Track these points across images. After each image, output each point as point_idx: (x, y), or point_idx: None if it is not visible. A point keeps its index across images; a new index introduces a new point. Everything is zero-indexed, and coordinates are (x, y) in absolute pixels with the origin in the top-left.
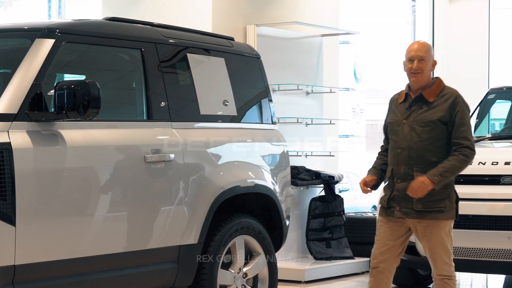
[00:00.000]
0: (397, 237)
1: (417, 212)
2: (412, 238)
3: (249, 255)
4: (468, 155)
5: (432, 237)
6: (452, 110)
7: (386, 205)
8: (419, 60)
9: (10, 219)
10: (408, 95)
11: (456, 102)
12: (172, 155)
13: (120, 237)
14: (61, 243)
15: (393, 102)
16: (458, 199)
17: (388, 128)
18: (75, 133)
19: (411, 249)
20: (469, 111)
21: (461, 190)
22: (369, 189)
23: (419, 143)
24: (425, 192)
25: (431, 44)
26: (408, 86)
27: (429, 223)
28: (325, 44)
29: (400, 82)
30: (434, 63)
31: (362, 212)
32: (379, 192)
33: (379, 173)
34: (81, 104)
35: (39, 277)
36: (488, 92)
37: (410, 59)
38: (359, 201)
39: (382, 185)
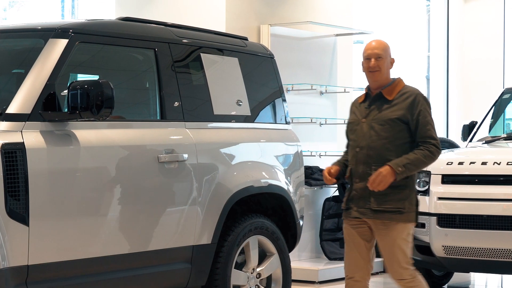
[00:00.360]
0: (364, 241)
1: (374, 211)
2: (427, 238)
3: (263, 255)
4: (434, 152)
5: (389, 239)
6: (413, 109)
7: (345, 207)
8: (376, 58)
9: (24, 219)
10: (368, 94)
11: (417, 101)
12: (185, 155)
13: (133, 237)
14: (74, 243)
15: (354, 104)
16: (418, 203)
17: (347, 128)
18: (88, 133)
19: (426, 249)
20: (430, 109)
21: (476, 190)
22: (333, 179)
23: (377, 142)
24: (386, 184)
25: (446, 43)
26: (368, 86)
27: (386, 224)
28: (339, 43)
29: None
30: (392, 61)
31: None
32: None
33: (342, 165)
34: (95, 104)
35: (52, 277)
36: (503, 92)
37: (367, 58)
38: None
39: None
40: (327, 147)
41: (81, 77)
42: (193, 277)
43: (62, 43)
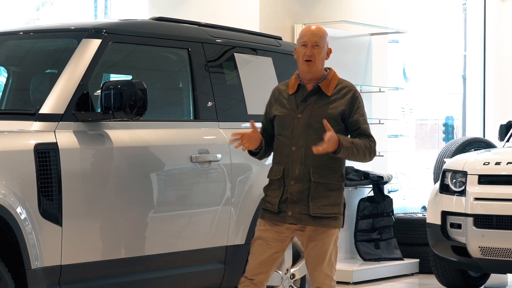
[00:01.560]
0: (279, 247)
1: (312, 217)
2: (463, 239)
3: (297, 256)
4: (374, 149)
5: (321, 246)
6: (352, 106)
7: (277, 210)
8: (313, 46)
9: (57, 220)
10: (302, 86)
11: (356, 97)
12: (219, 155)
13: (166, 238)
14: (107, 243)
15: (281, 92)
16: (345, 206)
17: (275, 121)
18: (121, 133)
19: (462, 250)
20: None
21: (496, 190)
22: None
23: (317, 141)
24: (325, 150)
25: (483, 42)
26: (298, 76)
27: (319, 230)
28: (374, 43)
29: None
30: (329, 51)
31: (411, 213)
32: (429, 192)
33: (263, 140)
34: (128, 104)
35: (85, 277)
36: None
37: (303, 44)
38: (409, 202)
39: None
40: None
41: (114, 77)
42: (227, 277)
43: (96, 43)
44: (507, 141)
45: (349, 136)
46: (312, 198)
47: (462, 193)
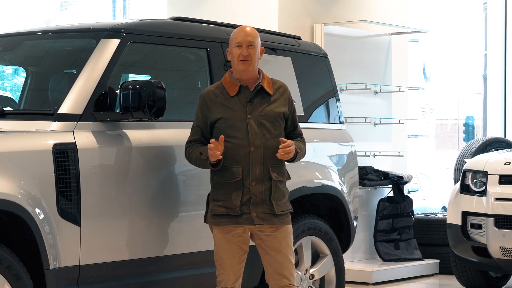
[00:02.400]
0: (245, 248)
1: (277, 216)
2: (484, 239)
3: (316, 256)
4: (305, 146)
5: (283, 243)
6: (290, 105)
7: (239, 212)
8: (248, 46)
9: (75, 220)
10: (244, 87)
11: (290, 96)
12: None
13: (185, 238)
14: (125, 243)
15: (217, 96)
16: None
17: (220, 124)
18: (140, 133)
19: (483, 250)
20: None
21: None
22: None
23: (271, 140)
24: (286, 157)
25: (504, 41)
26: (232, 77)
27: (278, 228)
28: (394, 42)
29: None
30: (262, 50)
31: (431, 213)
32: (450, 193)
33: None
34: (146, 104)
35: (103, 277)
36: None
37: (238, 45)
38: (429, 202)
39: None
40: (382, 147)
41: (132, 77)
42: (246, 277)
43: (114, 43)
44: None
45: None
46: (274, 198)
47: (483, 193)
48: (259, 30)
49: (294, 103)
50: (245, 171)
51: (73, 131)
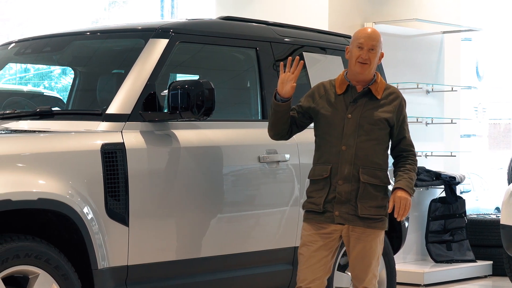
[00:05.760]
0: (328, 250)
1: (360, 218)
2: None
3: None
4: (416, 164)
5: (369, 247)
6: (399, 113)
7: (322, 210)
8: (369, 49)
9: (124, 220)
10: (352, 87)
11: (402, 105)
12: (287, 155)
13: (233, 239)
14: (173, 243)
15: (327, 90)
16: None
17: (320, 120)
18: (188, 133)
19: None
20: None
21: None
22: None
23: (367, 142)
24: (409, 209)
25: None
26: (346, 77)
27: (367, 232)
28: (446, 41)
29: None
30: (382, 55)
31: (484, 214)
32: (503, 193)
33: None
34: (195, 104)
35: (151, 277)
36: None
37: (359, 46)
38: (482, 203)
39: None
40: (434, 147)
41: (181, 77)
42: (295, 278)
43: (163, 43)
44: None
45: (390, 142)
46: (360, 199)
47: None
48: (308, 29)
49: (405, 112)
50: (334, 169)
51: (121, 131)
